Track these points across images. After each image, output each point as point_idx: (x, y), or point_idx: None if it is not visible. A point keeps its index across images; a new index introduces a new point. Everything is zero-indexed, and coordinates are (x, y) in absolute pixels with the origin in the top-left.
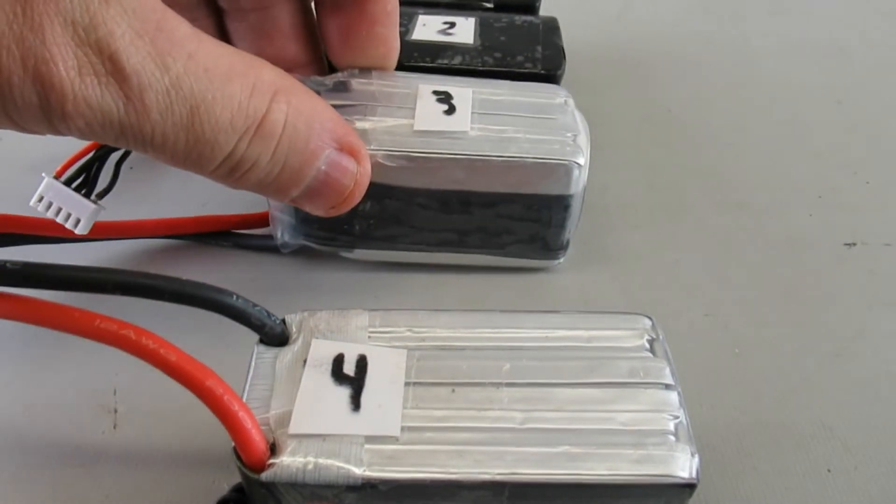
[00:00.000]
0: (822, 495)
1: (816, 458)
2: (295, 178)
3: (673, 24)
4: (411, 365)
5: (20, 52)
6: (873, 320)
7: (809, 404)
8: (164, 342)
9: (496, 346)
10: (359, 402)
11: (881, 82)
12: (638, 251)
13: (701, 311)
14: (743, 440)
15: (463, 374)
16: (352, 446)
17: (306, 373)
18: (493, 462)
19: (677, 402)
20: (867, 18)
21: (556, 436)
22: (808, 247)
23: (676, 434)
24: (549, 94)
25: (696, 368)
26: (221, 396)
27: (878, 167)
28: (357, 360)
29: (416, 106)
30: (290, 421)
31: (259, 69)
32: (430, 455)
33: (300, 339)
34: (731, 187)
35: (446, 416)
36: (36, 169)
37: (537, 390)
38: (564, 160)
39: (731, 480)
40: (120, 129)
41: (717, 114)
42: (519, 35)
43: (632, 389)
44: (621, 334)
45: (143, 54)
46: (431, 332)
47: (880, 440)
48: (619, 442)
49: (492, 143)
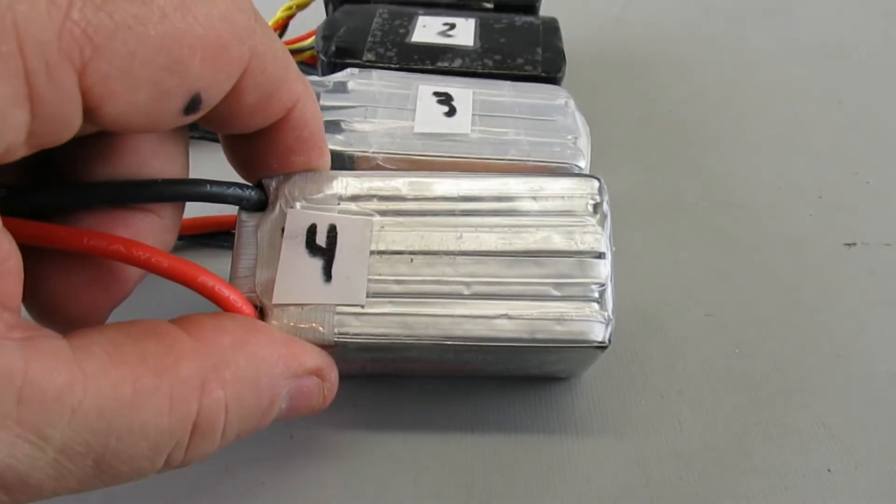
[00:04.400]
0: (822, 495)
1: (816, 458)
2: (258, 427)
3: (673, 24)
4: (376, 234)
5: None
6: (873, 320)
7: (809, 404)
8: (154, 250)
9: (453, 210)
10: (330, 273)
11: (881, 82)
12: (638, 251)
13: (701, 311)
14: (743, 440)
15: (421, 243)
16: (325, 314)
17: (284, 244)
18: (445, 326)
19: (606, 271)
20: (867, 18)
21: (496, 303)
22: (808, 247)
23: (600, 300)
24: (549, 96)
25: (696, 368)
26: (213, 287)
27: (878, 167)
28: (328, 231)
29: (417, 107)
30: (273, 292)
31: (173, 369)
32: (391, 320)
33: (277, 205)
34: (731, 187)
35: (404, 287)
36: None
37: (484, 260)
38: (565, 163)
39: (731, 480)
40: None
41: (717, 114)
42: (519, 37)
43: (567, 259)
44: (569, 202)
45: (12, 446)
46: (395, 199)
47: (880, 440)
48: (547, 307)
49: (492, 146)
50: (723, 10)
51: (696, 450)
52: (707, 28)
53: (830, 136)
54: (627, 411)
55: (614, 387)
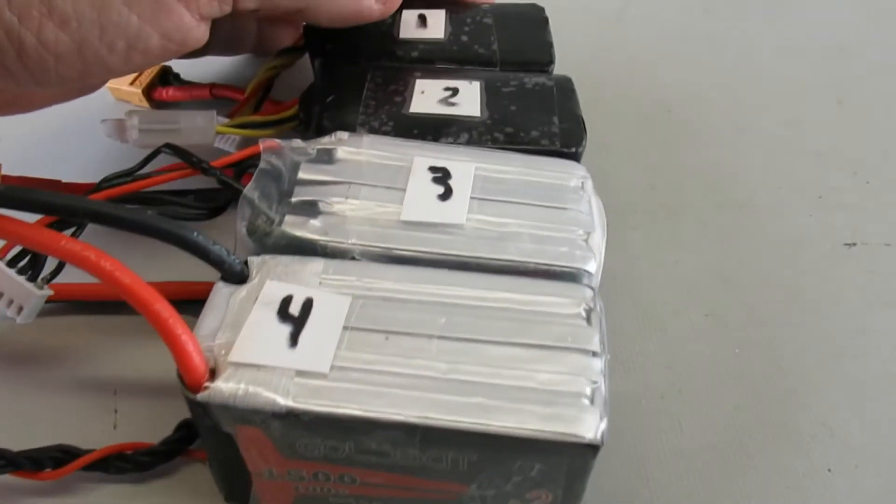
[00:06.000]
0: (822, 495)
1: (816, 458)
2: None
3: (673, 24)
4: (353, 311)
5: None
6: (873, 320)
7: (809, 404)
8: (121, 266)
9: (437, 301)
10: (297, 339)
11: (881, 82)
12: (638, 251)
13: (701, 311)
14: (743, 440)
15: (399, 323)
16: (282, 378)
17: (255, 308)
18: (409, 405)
19: (600, 369)
20: (867, 18)
21: (474, 388)
22: (808, 247)
23: (592, 398)
24: (563, 175)
25: (696, 368)
26: (167, 319)
27: (878, 167)
28: (303, 302)
29: (408, 186)
30: (231, 350)
31: None
32: (352, 393)
33: (257, 279)
34: (731, 187)
35: (375, 360)
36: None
37: (466, 345)
38: (570, 268)
39: (731, 480)
40: None
41: (717, 114)
42: (531, 102)
43: (557, 353)
44: (560, 301)
45: None
46: (379, 284)
47: (880, 440)
48: (532, 399)
49: (489, 242)
50: (723, 9)
51: (696, 450)
52: (707, 28)
53: (830, 136)
54: (627, 411)
55: (614, 387)
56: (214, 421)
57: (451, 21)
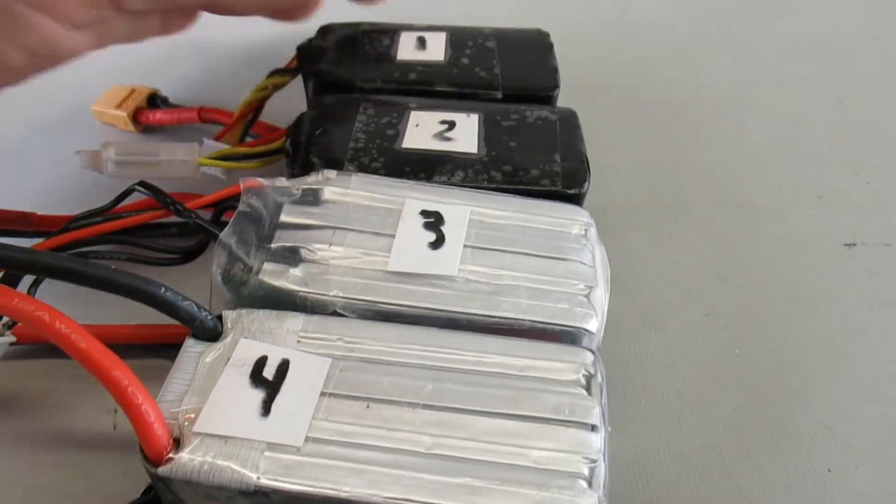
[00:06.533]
0: (822, 495)
1: (816, 458)
2: None
3: (673, 24)
4: (332, 375)
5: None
6: (873, 320)
7: (809, 404)
8: (78, 327)
9: (424, 364)
10: (270, 407)
11: (881, 82)
12: (638, 251)
13: (701, 311)
14: (743, 440)
15: (381, 390)
16: (251, 451)
17: (225, 371)
18: (388, 485)
19: (599, 445)
20: (867, 18)
21: (461, 466)
22: (808, 247)
23: (589, 480)
24: (565, 221)
25: (696, 368)
26: (126, 388)
27: (878, 167)
28: (279, 365)
29: (398, 232)
30: (197, 419)
31: None
32: (327, 470)
33: (231, 336)
34: (731, 187)
35: (354, 431)
36: None
37: (454, 416)
38: (570, 326)
39: (731, 480)
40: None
41: (718, 114)
42: (532, 138)
43: (553, 427)
44: (558, 366)
45: None
46: (362, 344)
47: (880, 440)
48: (524, 480)
49: (482, 296)
50: (723, 9)
51: (696, 450)
52: (707, 28)
53: (830, 136)
54: (627, 411)
55: (614, 387)
56: (177, 496)
57: (451, 44)
